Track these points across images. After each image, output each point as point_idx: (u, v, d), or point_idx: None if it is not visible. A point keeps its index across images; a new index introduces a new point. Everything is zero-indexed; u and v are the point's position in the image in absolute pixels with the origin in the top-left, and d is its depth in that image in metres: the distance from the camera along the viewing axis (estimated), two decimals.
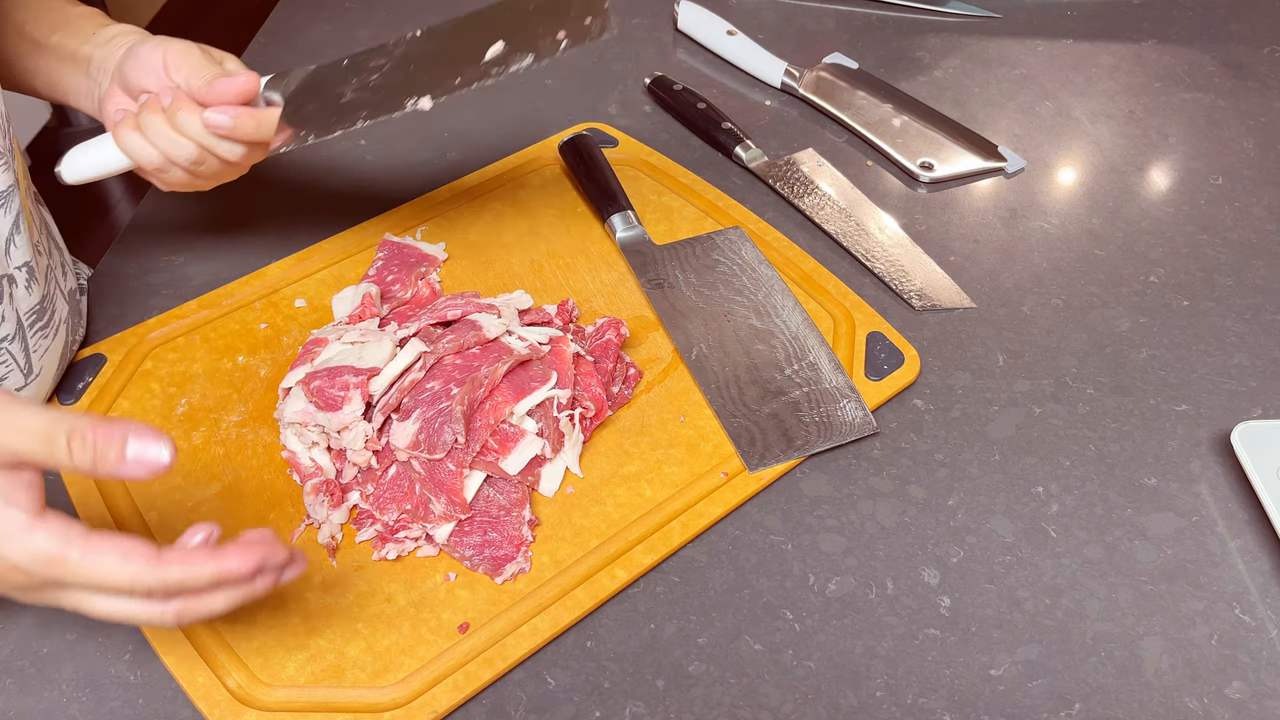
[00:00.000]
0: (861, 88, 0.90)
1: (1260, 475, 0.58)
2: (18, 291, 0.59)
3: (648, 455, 0.62)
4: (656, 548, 0.57)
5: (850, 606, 0.56)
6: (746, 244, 0.74)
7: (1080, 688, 0.53)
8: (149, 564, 0.42)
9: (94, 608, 0.43)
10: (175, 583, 0.42)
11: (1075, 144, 0.86)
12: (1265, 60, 0.95)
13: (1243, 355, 0.69)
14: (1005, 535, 0.59)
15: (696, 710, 0.52)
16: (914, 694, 0.52)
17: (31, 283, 0.60)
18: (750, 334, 0.68)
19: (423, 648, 0.53)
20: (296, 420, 0.59)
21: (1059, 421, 0.65)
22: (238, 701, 0.50)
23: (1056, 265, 0.75)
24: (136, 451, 0.41)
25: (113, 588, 0.42)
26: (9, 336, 0.58)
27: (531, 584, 0.56)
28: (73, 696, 0.52)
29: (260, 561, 0.44)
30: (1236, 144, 0.86)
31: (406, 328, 0.64)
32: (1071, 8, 1.01)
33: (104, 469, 0.41)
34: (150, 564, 0.42)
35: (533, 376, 0.61)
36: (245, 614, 0.54)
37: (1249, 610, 0.56)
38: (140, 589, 0.42)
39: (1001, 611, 0.56)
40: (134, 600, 0.43)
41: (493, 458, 0.58)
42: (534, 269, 0.73)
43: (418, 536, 0.57)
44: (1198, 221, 0.79)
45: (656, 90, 0.89)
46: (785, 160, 0.83)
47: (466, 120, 0.88)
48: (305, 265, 0.73)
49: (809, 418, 0.63)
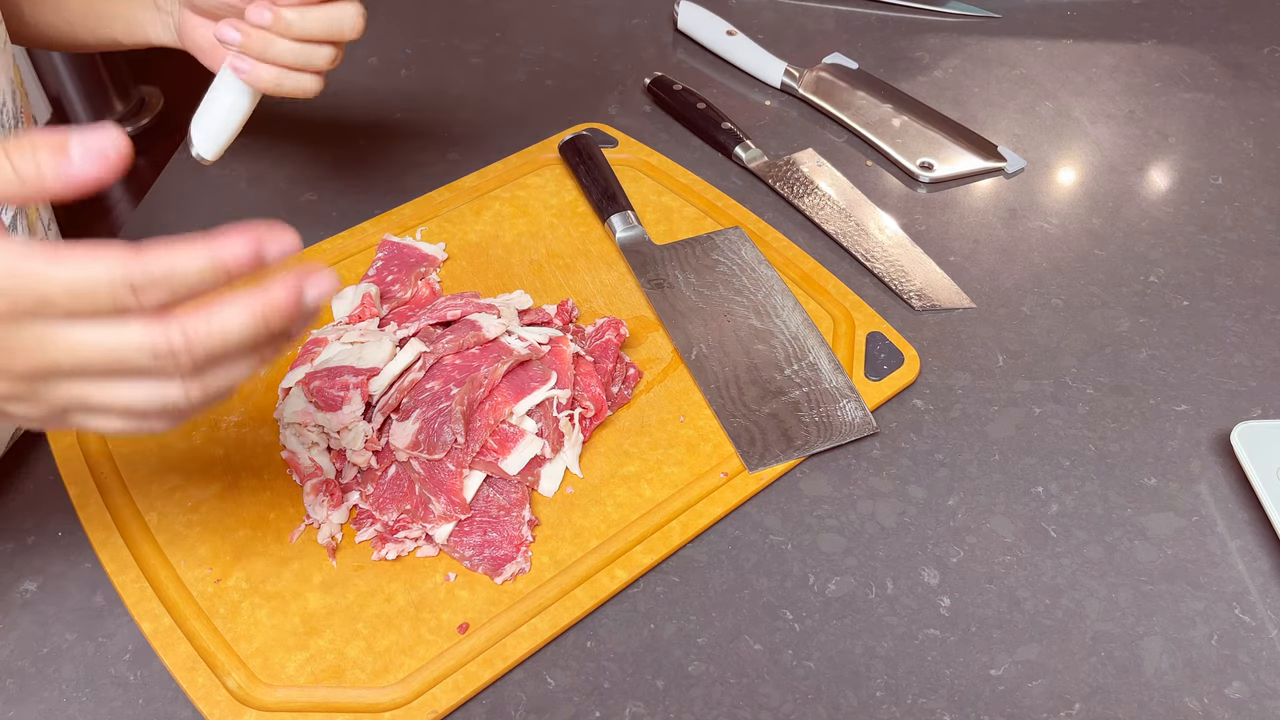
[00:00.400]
0: (861, 88, 0.90)
1: (1260, 475, 0.58)
2: None
3: (647, 455, 0.62)
4: (656, 548, 0.57)
5: (850, 606, 0.56)
6: (746, 244, 0.74)
7: (1080, 688, 0.53)
8: (123, 257, 0.34)
9: (104, 401, 0.37)
10: (160, 273, 0.35)
11: (1075, 144, 0.86)
12: (1265, 60, 0.95)
13: (1243, 355, 0.69)
14: (1005, 535, 0.59)
15: (696, 710, 0.52)
16: (914, 694, 0.52)
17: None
18: (750, 334, 0.68)
19: (423, 648, 0.53)
20: (296, 420, 0.59)
21: (1059, 421, 0.65)
22: (238, 701, 0.50)
23: (1056, 265, 0.75)
24: (80, 147, 0.35)
25: (85, 298, 0.35)
26: None
27: (531, 584, 0.56)
28: (73, 696, 0.52)
29: (259, 244, 0.36)
30: (1236, 144, 0.86)
31: (406, 328, 0.64)
32: (1071, 8, 1.01)
33: (50, 172, 0.35)
34: (125, 256, 0.34)
35: (532, 376, 0.61)
36: (245, 614, 0.54)
37: (1249, 610, 0.56)
38: (120, 286, 0.34)
39: (1001, 611, 0.56)
40: (140, 365, 0.36)
41: (492, 458, 0.58)
42: (534, 269, 0.73)
43: (417, 536, 0.57)
44: (1198, 221, 0.79)
45: (656, 90, 0.89)
46: (785, 160, 0.83)
47: (466, 120, 0.88)
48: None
49: (809, 418, 0.63)
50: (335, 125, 0.87)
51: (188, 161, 0.84)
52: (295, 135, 0.86)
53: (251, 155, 0.84)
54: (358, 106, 0.88)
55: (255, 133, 0.86)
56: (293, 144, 0.85)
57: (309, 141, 0.85)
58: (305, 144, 0.85)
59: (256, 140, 0.86)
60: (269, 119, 0.87)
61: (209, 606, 0.54)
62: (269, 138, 0.86)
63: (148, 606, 0.54)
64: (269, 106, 0.87)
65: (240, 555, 0.57)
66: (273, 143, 0.85)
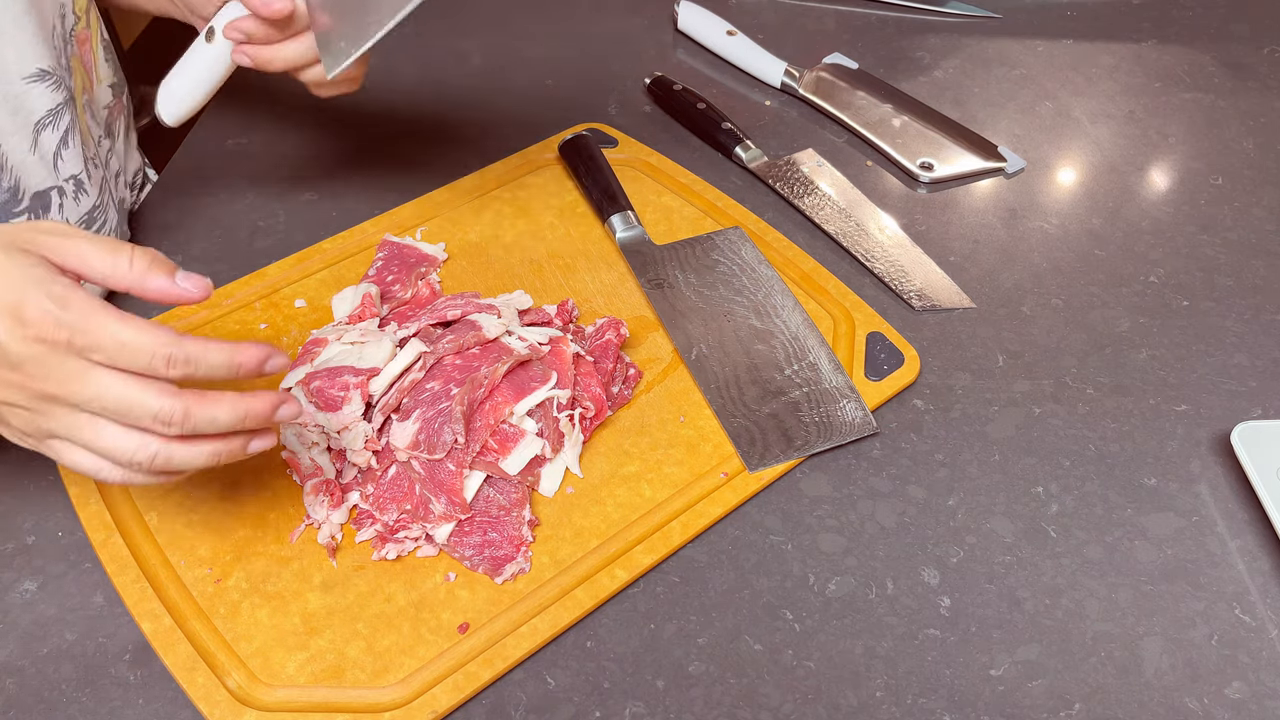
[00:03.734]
0: (861, 88, 0.90)
1: (1260, 475, 0.58)
2: (66, 202, 0.65)
3: (648, 455, 0.62)
4: (656, 548, 0.57)
5: (850, 606, 0.56)
6: (746, 244, 0.74)
7: (1080, 688, 0.53)
8: (169, 337, 0.44)
9: (93, 437, 0.45)
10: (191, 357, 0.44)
11: (1075, 144, 0.86)
12: (1265, 60, 0.95)
13: (1243, 355, 0.69)
14: (1005, 535, 0.59)
15: (696, 710, 0.52)
16: (914, 694, 0.52)
17: (80, 193, 0.66)
18: (750, 334, 0.68)
19: (423, 648, 0.53)
20: (296, 420, 0.59)
21: (1059, 421, 0.65)
22: (238, 701, 0.50)
23: (1056, 265, 0.75)
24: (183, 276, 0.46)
25: (129, 354, 0.43)
26: None
27: (531, 584, 0.56)
28: (73, 696, 0.52)
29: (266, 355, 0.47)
30: (1236, 144, 0.86)
31: (406, 328, 0.64)
32: (1071, 8, 1.01)
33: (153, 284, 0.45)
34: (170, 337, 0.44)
35: (533, 377, 0.61)
36: (245, 614, 0.54)
37: (1249, 610, 0.56)
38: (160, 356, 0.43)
39: (1001, 611, 0.56)
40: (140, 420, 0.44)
41: (493, 458, 0.58)
42: (534, 269, 0.73)
43: (418, 536, 0.57)
44: (1198, 221, 0.79)
45: (656, 90, 0.89)
46: (785, 160, 0.83)
47: (466, 120, 0.88)
48: (305, 265, 0.73)
49: (809, 418, 0.63)
50: (335, 125, 0.87)
51: (188, 161, 0.84)
52: (295, 135, 0.86)
53: (251, 155, 0.84)
54: (358, 106, 0.88)
55: (256, 133, 0.86)
56: (293, 144, 0.85)
57: (309, 141, 0.85)
58: (305, 144, 0.85)
59: (257, 140, 0.86)
60: (270, 119, 0.87)
61: (209, 606, 0.54)
62: (269, 138, 0.86)
63: (148, 606, 0.54)
64: (270, 106, 0.88)
65: (240, 555, 0.57)
66: (273, 143, 0.85)
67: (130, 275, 0.45)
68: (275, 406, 0.48)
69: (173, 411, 0.44)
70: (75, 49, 0.67)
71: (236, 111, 0.88)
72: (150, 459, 0.45)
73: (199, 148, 0.85)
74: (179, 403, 0.44)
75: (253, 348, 0.46)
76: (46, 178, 0.64)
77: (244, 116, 0.88)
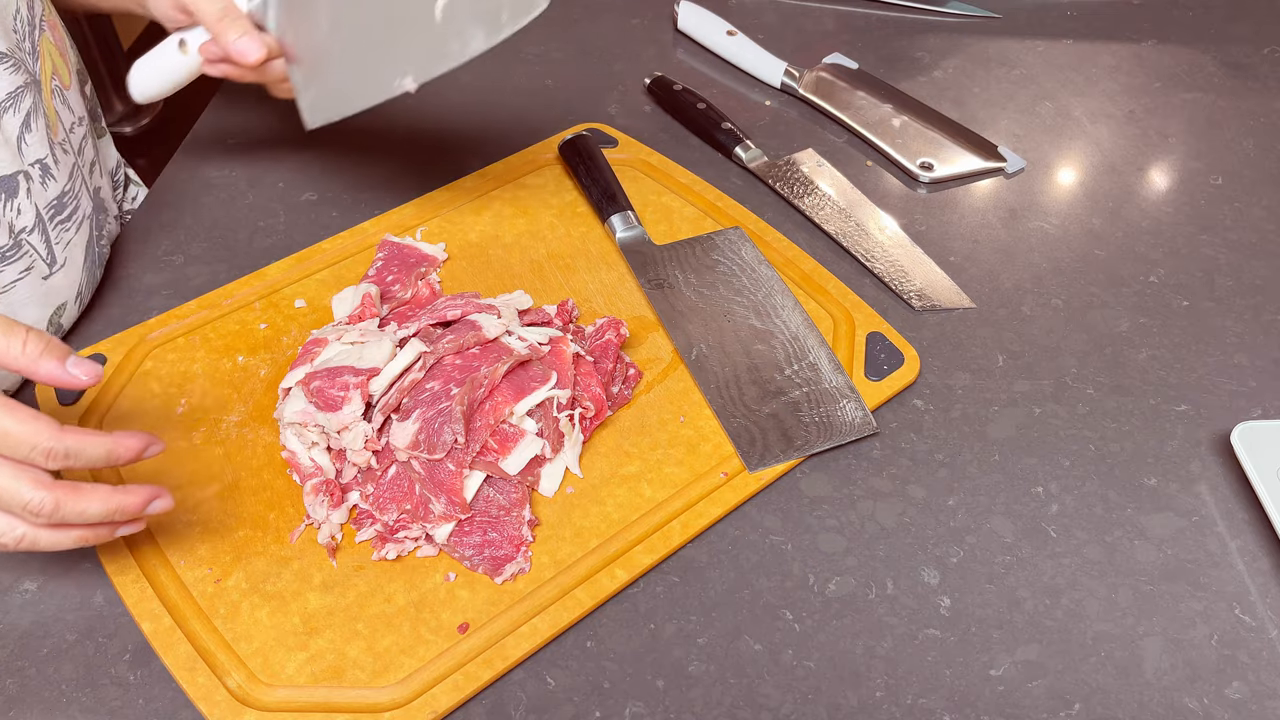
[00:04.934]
0: (861, 88, 0.90)
1: (1260, 475, 0.58)
2: (34, 186, 0.64)
3: (648, 455, 0.62)
4: (656, 548, 0.57)
5: (850, 606, 0.56)
6: (746, 244, 0.74)
7: (1080, 688, 0.53)
8: (50, 430, 0.46)
9: None
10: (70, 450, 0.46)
11: (1075, 144, 0.86)
12: (1265, 60, 0.95)
13: (1243, 355, 0.69)
14: (1005, 535, 0.59)
15: (696, 710, 0.52)
16: (914, 694, 0.52)
17: (47, 178, 0.65)
18: (750, 334, 0.68)
19: (422, 648, 0.53)
20: (296, 420, 0.59)
21: (1059, 421, 0.65)
22: (238, 701, 0.50)
23: (1056, 265, 0.75)
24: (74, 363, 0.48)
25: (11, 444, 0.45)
26: (28, 228, 0.62)
27: (531, 584, 0.56)
28: (73, 697, 0.52)
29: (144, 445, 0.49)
30: (1236, 144, 0.86)
31: (406, 328, 0.64)
32: (1071, 8, 1.01)
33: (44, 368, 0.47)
34: (52, 430, 0.46)
35: (533, 376, 0.61)
36: (245, 614, 0.54)
37: (1249, 610, 0.56)
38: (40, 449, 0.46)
39: (1001, 611, 0.56)
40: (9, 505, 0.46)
41: (493, 458, 0.58)
42: (534, 269, 0.73)
43: (418, 536, 0.57)
44: (1198, 221, 0.79)
45: (656, 90, 0.89)
46: (785, 160, 0.83)
47: (466, 120, 0.88)
48: (305, 265, 0.73)
49: (809, 418, 0.63)
50: (335, 125, 0.87)
51: (188, 161, 0.84)
52: (295, 135, 0.86)
53: (251, 155, 0.84)
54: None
55: (255, 132, 0.86)
56: (293, 144, 0.85)
57: (309, 141, 0.85)
58: (305, 144, 0.85)
59: (256, 140, 0.86)
60: (269, 119, 0.87)
61: (209, 606, 0.54)
62: (269, 138, 0.86)
63: (148, 606, 0.54)
64: (269, 107, 0.88)
65: (240, 555, 0.57)
66: (273, 143, 0.85)
67: (22, 359, 0.46)
68: (146, 502, 0.50)
69: (43, 503, 0.46)
70: (47, 32, 0.67)
71: (236, 111, 0.88)
72: (16, 541, 0.47)
73: (199, 148, 0.85)
74: (50, 496, 0.46)
75: (131, 439, 0.48)
76: (11, 162, 0.62)
77: (244, 116, 0.88)
